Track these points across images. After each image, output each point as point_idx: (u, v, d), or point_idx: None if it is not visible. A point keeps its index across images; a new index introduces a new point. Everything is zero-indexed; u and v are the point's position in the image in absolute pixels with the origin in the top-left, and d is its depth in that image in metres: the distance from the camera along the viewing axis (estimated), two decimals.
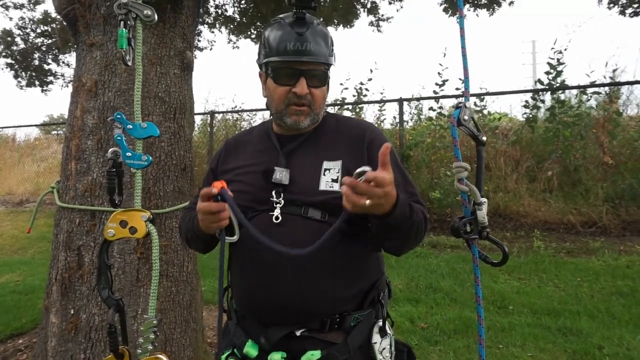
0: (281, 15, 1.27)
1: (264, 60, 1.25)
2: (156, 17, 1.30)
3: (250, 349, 1.20)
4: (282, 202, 1.19)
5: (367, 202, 0.97)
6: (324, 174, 1.21)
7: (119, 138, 1.27)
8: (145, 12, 1.29)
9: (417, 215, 1.14)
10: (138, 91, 1.31)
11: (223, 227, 1.14)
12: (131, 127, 1.29)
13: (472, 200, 1.26)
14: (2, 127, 13.79)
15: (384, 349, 1.22)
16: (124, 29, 1.27)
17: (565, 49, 6.53)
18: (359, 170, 0.96)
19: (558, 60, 6.47)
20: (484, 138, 1.31)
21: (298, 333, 1.17)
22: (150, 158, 1.30)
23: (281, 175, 1.21)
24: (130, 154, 1.29)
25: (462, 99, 1.30)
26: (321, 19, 1.31)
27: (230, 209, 1.08)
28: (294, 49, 1.19)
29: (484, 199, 1.25)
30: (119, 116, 1.28)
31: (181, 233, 1.41)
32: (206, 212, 1.12)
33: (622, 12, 6.43)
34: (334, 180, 1.20)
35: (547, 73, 6.51)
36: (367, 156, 1.24)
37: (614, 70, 6.49)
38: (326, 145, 1.28)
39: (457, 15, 1.29)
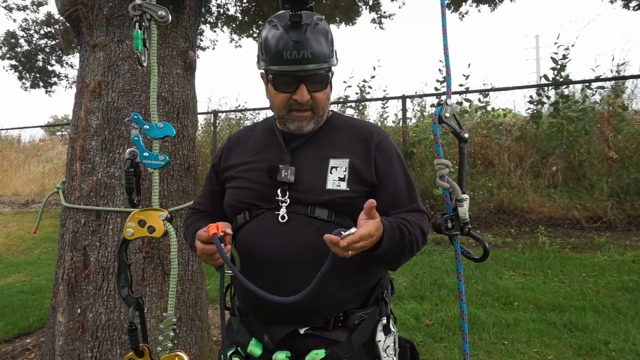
0: (277, 15, 1.22)
1: (263, 67, 1.23)
2: (170, 17, 1.31)
3: (254, 348, 1.20)
4: (288, 200, 1.19)
5: (350, 253, 1.01)
6: (331, 172, 1.20)
7: (136, 138, 1.28)
8: (160, 12, 1.29)
9: (409, 235, 1.14)
10: (154, 91, 1.31)
11: (220, 265, 1.17)
12: (148, 127, 1.29)
13: (454, 197, 1.27)
14: (7, 129, 13.88)
15: (388, 346, 1.22)
16: (139, 30, 1.27)
17: (573, 45, 6.50)
18: (346, 232, 0.99)
19: (564, 55, 6.43)
20: (466, 135, 1.32)
21: (302, 331, 1.17)
22: (167, 158, 1.30)
23: (286, 173, 1.20)
24: (147, 154, 1.29)
25: (443, 97, 1.30)
26: (323, 17, 1.27)
27: (222, 257, 1.10)
28: (292, 58, 1.14)
29: (466, 196, 1.27)
30: (135, 117, 1.28)
31: (185, 239, 1.42)
32: (202, 254, 1.16)
33: (626, 6, 6.39)
34: (340, 179, 1.19)
35: (553, 69, 6.48)
36: (374, 160, 1.24)
37: (619, 65, 6.46)
38: (332, 144, 1.26)
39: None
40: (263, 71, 1.27)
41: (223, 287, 1.18)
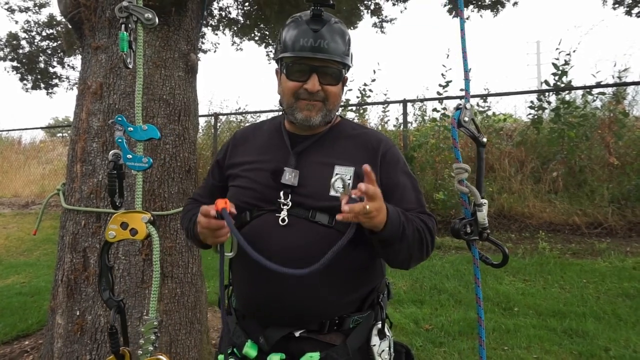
0: (299, 13, 1.27)
1: (279, 55, 1.25)
2: (157, 20, 1.31)
3: (250, 350, 1.20)
4: (290, 204, 1.18)
5: (368, 208, 0.97)
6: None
7: (120, 140, 1.28)
8: (147, 15, 1.29)
9: (412, 226, 1.13)
10: (139, 94, 1.31)
11: (222, 242, 1.15)
12: (132, 129, 1.29)
13: (472, 202, 1.26)
14: (8, 130, 13.87)
15: (382, 351, 1.22)
16: (125, 32, 1.27)
17: (574, 51, 6.50)
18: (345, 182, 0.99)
19: (566, 61, 6.43)
20: (485, 139, 1.31)
21: (297, 334, 1.17)
22: (151, 160, 1.30)
23: (290, 176, 1.20)
24: (131, 156, 1.29)
25: (462, 101, 1.30)
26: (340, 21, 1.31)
27: (230, 229, 1.06)
28: (308, 46, 1.18)
29: (484, 200, 1.26)
30: (119, 119, 1.28)
31: (182, 226, 1.42)
32: (205, 228, 1.13)
33: (628, 13, 6.42)
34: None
35: (554, 74, 6.49)
36: (380, 168, 1.24)
37: (620, 71, 6.47)
38: (339, 150, 1.26)
39: (458, 18, 1.28)
40: (277, 66, 1.29)
41: (222, 267, 1.15)
